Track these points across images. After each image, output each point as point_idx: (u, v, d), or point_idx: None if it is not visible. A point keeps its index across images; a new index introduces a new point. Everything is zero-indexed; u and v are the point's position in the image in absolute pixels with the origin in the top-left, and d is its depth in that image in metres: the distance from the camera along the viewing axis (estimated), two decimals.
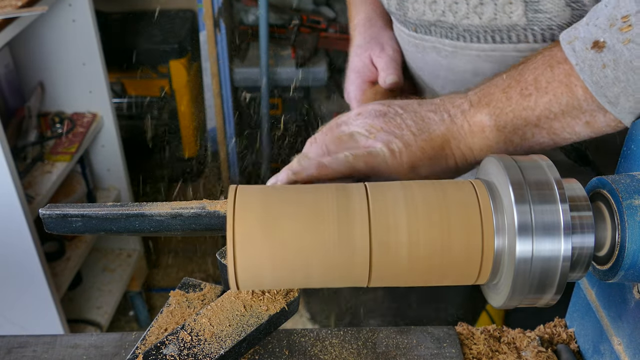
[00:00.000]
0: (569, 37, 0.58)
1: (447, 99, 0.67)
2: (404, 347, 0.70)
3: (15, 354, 0.70)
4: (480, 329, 0.72)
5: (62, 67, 1.85)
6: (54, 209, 0.54)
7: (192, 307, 0.65)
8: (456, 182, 0.52)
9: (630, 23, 0.53)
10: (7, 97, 1.78)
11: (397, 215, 0.49)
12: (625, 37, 0.53)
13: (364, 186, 0.51)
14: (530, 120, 0.61)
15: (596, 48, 0.55)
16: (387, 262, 0.49)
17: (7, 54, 1.78)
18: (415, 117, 0.65)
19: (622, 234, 0.48)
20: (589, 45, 0.56)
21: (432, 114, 0.65)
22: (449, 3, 0.76)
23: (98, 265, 2.17)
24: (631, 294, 0.57)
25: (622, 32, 0.53)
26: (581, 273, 0.50)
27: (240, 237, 0.48)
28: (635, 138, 0.56)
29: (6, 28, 1.40)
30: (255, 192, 0.51)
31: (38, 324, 1.68)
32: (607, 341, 0.62)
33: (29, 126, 1.79)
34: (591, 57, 0.56)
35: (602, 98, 0.56)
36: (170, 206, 0.55)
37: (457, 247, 0.49)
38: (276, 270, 0.49)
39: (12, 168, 1.41)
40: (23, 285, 1.61)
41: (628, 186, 0.49)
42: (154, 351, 0.57)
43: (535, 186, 0.48)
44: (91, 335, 0.72)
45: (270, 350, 0.69)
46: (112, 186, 2.11)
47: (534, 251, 0.47)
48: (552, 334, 0.71)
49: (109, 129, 1.97)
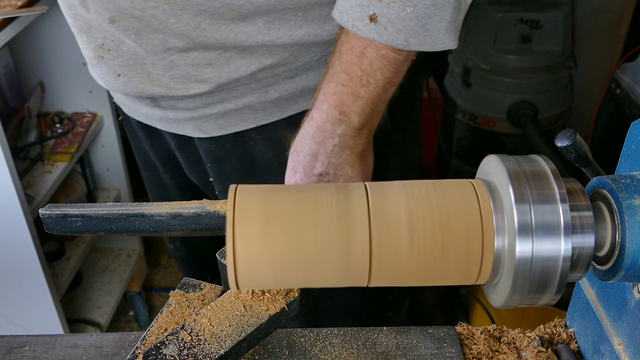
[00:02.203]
0: (348, 21, 0.75)
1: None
2: (404, 347, 0.70)
3: (15, 354, 0.70)
4: (480, 329, 0.72)
5: (62, 67, 1.85)
6: (54, 209, 0.54)
7: (192, 307, 0.65)
8: (456, 182, 0.52)
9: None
10: (7, 97, 1.78)
11: (397, 215, 0.49)
12: (385, 2, 0.72)
13: (364, 186, 0.51)
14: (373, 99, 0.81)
15: (373, 21, 0.73)
16: (387, 262, 0.49)
17: (7, 54, 1.78)
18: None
19: (622, 234, 0.48)
20: (366, 20, 0.73)
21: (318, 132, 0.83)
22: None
23: (98, 265, 2.17)
24: (631, 294, 0.57)
25: (380, 1, 0.72)
26: (581, 273, 0.50)
27: (240, 237, 0.48)
28: (635, 138, 0.56)
29: (6, 28, 1.40)
30: (255, 192, 0.51)
31: (38, 324, 1.68)
32: (607, 341, 0.62)
33: (28, 126, 1.79)
34: (374, 28, 0.73)
35: (399, 47, 0.75)
36: (170, 206, 0.55)
37: (457, 247, 0.49)
38: (276, 270, 0.49)
39: (12, 168, 1.41)
40: (23, 285, 1.60)
41: (628, 186, 0.49)
42: (154, 351, 0.57)
43: (535, 186, 0.48)
44: (91, 335, 0.72)
45: (270, 350, 0.69)
46: (112, 186, 2.10)
47: (534, 251, 0.47)
48: (552, 334, 0.71)
49: (109, 129, 1.97)
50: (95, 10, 0.85)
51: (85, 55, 0.94)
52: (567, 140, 0.59)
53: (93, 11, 0.85)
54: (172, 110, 0.95)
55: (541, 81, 1.97)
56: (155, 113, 0.97)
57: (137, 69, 0.89)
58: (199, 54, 0.86)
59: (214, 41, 0.84)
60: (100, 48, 0.89)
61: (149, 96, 0.92)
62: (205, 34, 0.83)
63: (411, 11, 0.72)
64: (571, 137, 0.59)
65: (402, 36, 0.74)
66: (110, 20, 0.84)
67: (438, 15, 0.73)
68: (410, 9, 0.72)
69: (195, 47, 0.85)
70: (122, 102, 1.05)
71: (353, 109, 0.80)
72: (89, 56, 0.93)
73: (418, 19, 0.73)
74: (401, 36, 0.74)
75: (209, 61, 0.87)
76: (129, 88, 0.91)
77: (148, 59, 0.87)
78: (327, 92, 0.80)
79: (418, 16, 0.73)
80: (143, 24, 0.83)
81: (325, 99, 0.81)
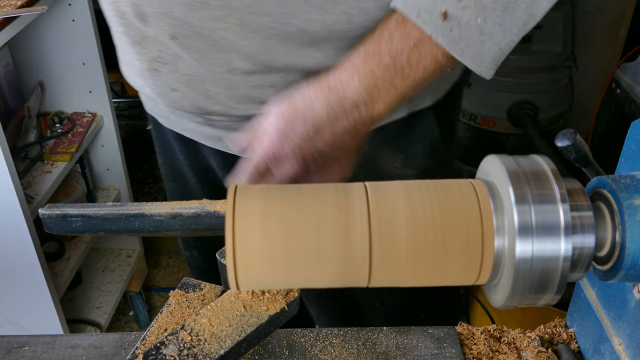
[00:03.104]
0: (414, 10, 0.70)
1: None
2: (404, 347, 0.70)
3: (15, 354, 0.70)
4: (481, 329, 0.72)
5: (62, 67, 1.85)
6: (54, 209, 0.54)
7: (192, 307, 0.65)
8: (456, 182, 0.52)
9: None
10: (7, 97, 1.78)
11: (397, 215, 0.49)
12: (462, 5, 0.68)
13: (363, 186, 0.51)
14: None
15: (443, 18, 0.69)
16: (387, 262, 0.49)
17: (7, 54, 1.78)
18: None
19: (622, 234, 0.48)
20: (436, 15, 0.69)
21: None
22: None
23: (98, 265, 2.16)
24: (631, 294, 0.57)
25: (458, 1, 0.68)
26: (581, 273, 0.50)
27: (240, 237, 0.48)
28: (635, 138, 0.56)
29: (6, 28, 1.40)
30: (255, 192, 0.51)
31: (38, 324, 1.68)
32: (607, 341, 0.62)
33: (28, 126, 1.79)
34: (441, 25, 0.69)
35: (453, 52, 0.70)
36: (170, 206, 0.55)
37: (457, 247, 0.49)
38: (276, 270, 0.49)
39: (11, 168, 1.41)
40: (23, 285, 1.60)
41: (628, 186, 0.49)
42: (153, 351, 0.57)
43: (535, 186, 0.48)
44: (91, 335, 0.72)
45: (270, 350, 0.69)
46: (112, 186, 2.10)
47: (534, 251, 0.47)
48: (552, 334, 0.71)
49: (108, 129, 1.97)
50: (155, 25, 0.80)
51: (135, 65, 0.89)
52: (567, 140, 0.60)
53: (152, 25, 0.80)
54: (224, 130, 0.91)
55: (541, 81, 1.97)
56: (205, 130, 0.94)
57: (195, 85, 0.85)
58: (262, 77, 0.82)
59: (281, 65, 0.81)
60: (156, 61, 0.84)
61: (205, 113, 0.89)
62: (274, 57, 0.80)
63: (480, 23, 0.69)
64: (571, 137, 0.59)
65: (461, 44, 0.70)
66: (171, 37, 0.80)
67: (497, 37, 0.70)
68: (481, 21, 0.69)
69: (260, 69, 0.81)
70: (163, 114, 1.00)
71: (383, 97, 0.73)
72: (140, 68, 0.87)
73: (481, 33, 0.69)
74: (460, 43, 0.70)
75: (272, 83, 0.83)
76: (185, 103, 0.87)
77: (207, 78, 0.83)
78: (362, 70, 0.73)
79: (483, 30, 0.69)
80: (209, 43, 0.79)
81: (357, 76, 0.73)
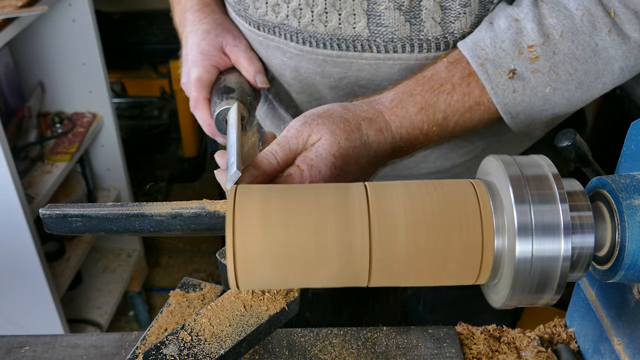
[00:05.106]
0: (479, 58, 0.66)
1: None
2: (404, 347, 0.70)
3: (15, 354, 0.70)
4: (480, 329, 0.72)
5: (62, 67, 1.85)
6: (54, 209, 0.54)
7: (192, 307, 0.65)
8: (456, 182, 0.52)
9: (537, 54, 0.64)
10: (7, 97, 1.78)
11: (397, 215, 0.49)
12: (533, 67, 0.64)
13: (364, 186, 0.51)
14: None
15: (510, 74, 0.65)
16: (387, 262, 0.49)
17: (7, 54, 1.78)
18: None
19: (622, 234, 0.48)
20: (502, 71, 0.65)
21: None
22: (293, 8, 0.75)
23: (98, 265, 2.17)
24: (631, 294, 0.57)
25: (531, 62, 0.64)
26: (581, 273, 0.50)
27: (240, 237, 0.48)
28: (635, 138, 0.56)
29: (6, 28, 1.41)
30: (255, 192, 0.51)
31: (38, 324, 1.68)
32: (607, 341, 0.62)
33: (29, 126, 1.79)
34: (504, 83, 0.65)
35: (506, 115, 0.67)
36: (170, 206, 0.55)
37: (457, 247, 0.49)
38: (276, 270, 0.49)
39: (12, 168, 1.41)
40: (23, 285, 1.61)
41: (628, 186, 0.49)
42: (154, 351, 0.57)
43: (535, 186, 0.48)
44: (91, 335, 0.72)
45: (270, 350, 0.69)
46: (112, 186, 2.11)
47: (533, 251, 0.47)
48: (552, 333, 0.71)
49: (109, 129, 1.97)
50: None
51: (302, 108, 0.88)
52: (567, 140, 0.59)
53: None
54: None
55: None
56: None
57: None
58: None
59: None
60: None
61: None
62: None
63: (549, 92, 0.65)
64: (571, 137, 0.59)
65: (518, 108, 0.66)
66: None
67: (559, 108, 0.67)
68: (550, 90, 0.65)
69: None
70: None
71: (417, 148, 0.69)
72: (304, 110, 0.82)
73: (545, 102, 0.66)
74: (518, 107, 0.66)
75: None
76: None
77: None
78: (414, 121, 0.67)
79: (547, 101, 0.66)
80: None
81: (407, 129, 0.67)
